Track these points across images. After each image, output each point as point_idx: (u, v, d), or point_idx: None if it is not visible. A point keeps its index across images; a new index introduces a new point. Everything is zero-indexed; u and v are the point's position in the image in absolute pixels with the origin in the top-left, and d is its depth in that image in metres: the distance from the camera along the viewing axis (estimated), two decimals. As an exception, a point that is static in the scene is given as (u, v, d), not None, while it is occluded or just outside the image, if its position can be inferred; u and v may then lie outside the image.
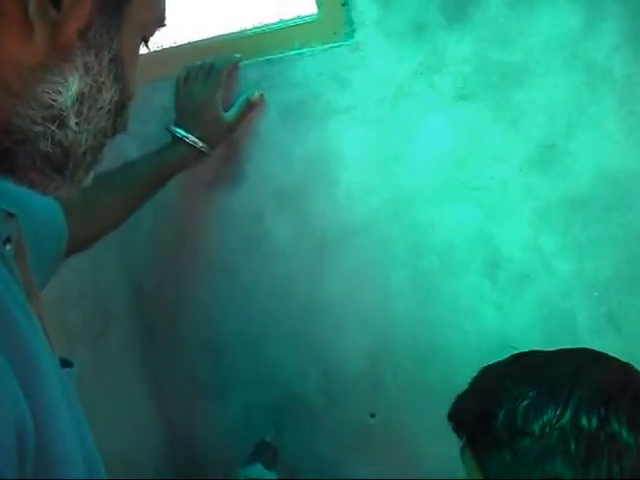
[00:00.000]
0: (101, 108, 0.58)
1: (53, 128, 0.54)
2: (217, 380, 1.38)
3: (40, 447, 0.51)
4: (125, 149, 1.22)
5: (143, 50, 0.65)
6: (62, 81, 0.54)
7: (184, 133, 1.15)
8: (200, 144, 1.15)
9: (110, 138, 0.62)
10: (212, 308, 1.33)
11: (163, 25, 0.64)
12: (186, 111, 1.18)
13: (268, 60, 1.18)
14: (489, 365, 0.97)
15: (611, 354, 1.10)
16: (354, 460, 1.30)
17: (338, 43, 1.13)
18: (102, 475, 0.65)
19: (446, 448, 1.22)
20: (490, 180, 1.10)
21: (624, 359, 1.10)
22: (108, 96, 0.58)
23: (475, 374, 0.96)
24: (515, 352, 0.98)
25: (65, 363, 0.68)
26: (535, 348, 1.13)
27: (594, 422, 0.79)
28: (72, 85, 0.54)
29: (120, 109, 0.61)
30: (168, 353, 1.40)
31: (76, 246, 0.94)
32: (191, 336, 1.37)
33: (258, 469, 1.18)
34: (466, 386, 0.98)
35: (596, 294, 1.09)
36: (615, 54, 1.01)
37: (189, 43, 1.26)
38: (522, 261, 1.11)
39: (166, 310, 1.38)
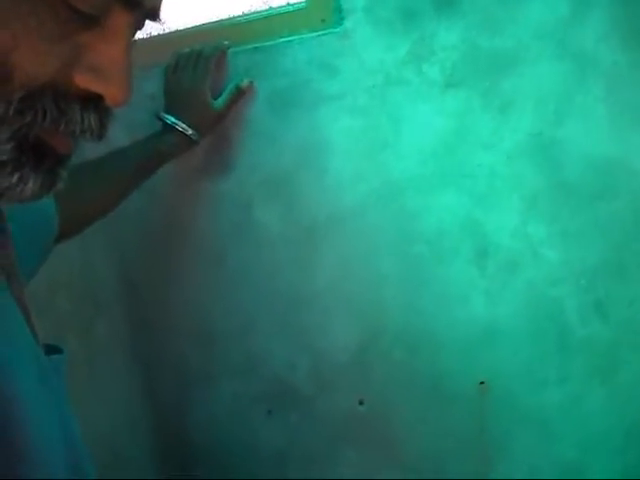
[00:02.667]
0: None
1: None
2: (207, 368, 1.38)
3: (7, 445, 0.50)
4: (114, 136, 1.20)
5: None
6: None
7: (174, 120, 1.15)
8: (190, 131, 1.15)
9: (8, 133, 0.48)
10: (201, 296, 1.33)
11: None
12: (175, 99, 1.18)
13: (257, 48, 1.17)
14: None
15: (598, 342, 1.11)
16: (343, 447, 1.30)
17: (327, 31, 1.12)
18: (88, 464, 0.64)
19: (434, 435, 1.24)
20: (478, 168, 1.10)
21: (611, 347, 1.11)
22: None
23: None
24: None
25: (54, 349, 0.67)
26: (522, 336, 1.14)
27: None
28: None
29: (19, 94, 0.47)
30: (158, 341, 1.40)
31: (65, 233, 0.94)
32: (180, 324, 1.37)
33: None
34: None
35: (583, 282, 1.10)
36: (603, 42, 1.01)
37: (178, 31, 1.26)
38: (510, 249, 1.12)
39: (155, 298, 1.38)
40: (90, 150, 1.10)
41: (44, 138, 0.50)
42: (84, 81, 0.49)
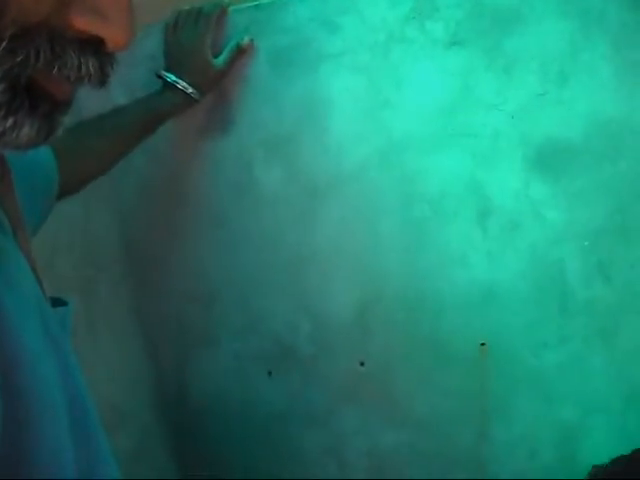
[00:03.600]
0: None
1: None
2: (208, 329, 1.38)
3: (9, 395, 0.49)
4: (113, 95, 1.20)
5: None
6: None
7: (174, 78, 1.14)
8: (190, 90, 1.14)
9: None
10: (202, 256, 1.33)
11: None
12: (175, 57, 1.17)
13: (258, 5, 1.16)
14: None
15: (600, 303, 1.11)
16: (343, 408, 1.31)
17: (329, -13, 1.11)
18: (92, 417, 0.64)
19: (434, 395, 1.24)
20: (482, 127, 1.09)
21: (613, 309, 1.11)
22: None
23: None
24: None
25: (59, 302, 0.67)
26: (523, 297, 1.14)
27: None
28: None
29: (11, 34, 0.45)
30: (159, 302, 1.40)
31: (65, 190, 0.94)
32: (181, 284, 1.37)
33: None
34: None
35: (586, 243, 1.09)
36: (610, 0, 0.99)
37: (178, -12, 1.24)
38: (513, 210, 1.11)
39: (156, 258, 1.37)
40: (90, 109, 1.11)
41: (40, 82, 0.48)
42: (83, 23, 0.47)
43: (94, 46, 0.49)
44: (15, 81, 0.46)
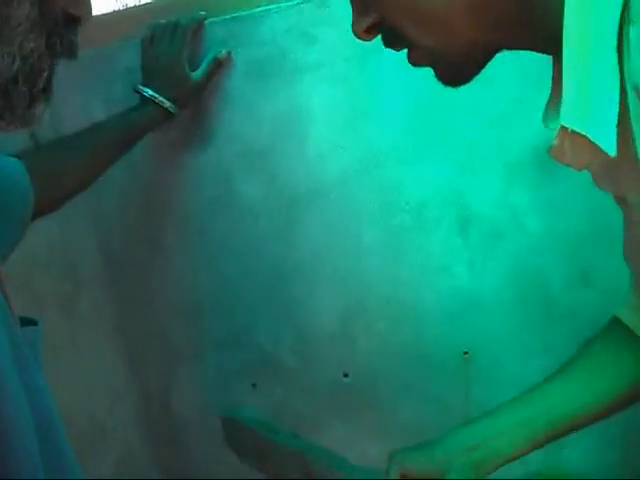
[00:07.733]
0: (19, 25, 0.51)
1: None
2: (191, 343, 1.37)
3: None
4: (92, 110, 1.20)
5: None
6: None
7: (152, 93, 1.14)
8: (168, 104, 1.14)
9: (48, 62, 0.56)
10: (183, 270, 1.32)
11: None
12: (153, 71, 1.17)
13: (235, 18, 1.15)
14: None
15: (583, 310, 1.11)
16: (329, 419, 1.30)
17: (305, -1, 1.11)
18: (61, 441, 0.63)
19: (419, 405, 1.24)
20: (460, 136, 1.09)
21: (596, 314, 1.10)
22: (22, 11, 0.52)
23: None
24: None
25: (29, 322, 0.66)
26: (506, 305, 1.13)
27: None
28: None
29: (51, 27, 0.55)
30: (141, 316, 1.39)
31: (44, 208, 0.93)
32: (163, 299, 1.36)
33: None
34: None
35: (568, 250, 1.09)
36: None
37: (154, 2, 1.25)
38: (493, 218, 1.11)
39: (137, 273, 1.37)
40: (69, 124, 1.10)
41: None
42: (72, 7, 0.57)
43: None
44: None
